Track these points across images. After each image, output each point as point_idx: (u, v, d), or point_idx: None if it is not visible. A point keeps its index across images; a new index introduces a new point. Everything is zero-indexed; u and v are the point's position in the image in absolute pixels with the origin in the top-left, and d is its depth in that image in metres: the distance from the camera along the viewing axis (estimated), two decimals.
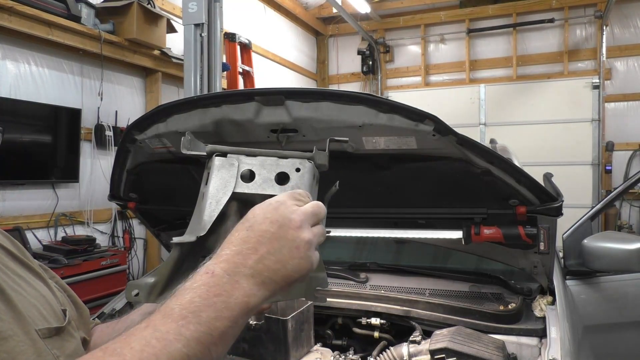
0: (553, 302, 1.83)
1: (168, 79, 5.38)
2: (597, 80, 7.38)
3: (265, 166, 0.83)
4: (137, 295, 0.79)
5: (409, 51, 8.92)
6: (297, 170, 0.82)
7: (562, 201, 1.70)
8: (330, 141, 0.90)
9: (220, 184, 0.82)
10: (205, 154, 0.87)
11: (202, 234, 0.78)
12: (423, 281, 2.10)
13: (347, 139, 0.95)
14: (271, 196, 0.79)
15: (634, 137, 7.42)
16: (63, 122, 4.26)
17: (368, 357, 1.76)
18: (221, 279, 0.64)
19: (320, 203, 0.75)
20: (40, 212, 4.13)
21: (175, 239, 0.79)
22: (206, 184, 0.84)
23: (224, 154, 0.85)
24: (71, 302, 0.93)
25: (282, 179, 0.81)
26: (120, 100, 4.93)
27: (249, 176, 0.83)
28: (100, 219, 4.69)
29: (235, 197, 0.81)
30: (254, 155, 0.85)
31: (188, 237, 0.79)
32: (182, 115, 1.73)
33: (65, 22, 3.97)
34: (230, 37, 5.76)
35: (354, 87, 9.03)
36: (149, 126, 1.82)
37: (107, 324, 1.03)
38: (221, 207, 0.80)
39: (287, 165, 0.82)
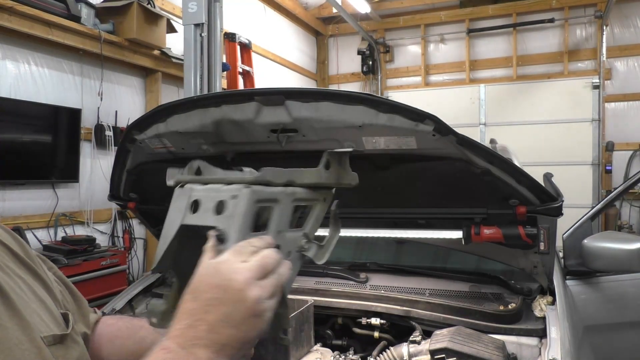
0: (553, 302, 1.83)
1: (168, 79, 5.38)
2: (597, 80, 7.38)
3: (209, 195, 0.78)
4: (155, 322, 0.80)
5: (409, 51, 8.92)
6: (234, 197, 0.75)
7: (562, 201, 1.70)
8: (330, 154, 0.85)
9: (173, 216, 0.80)
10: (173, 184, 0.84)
11: (151, 268, 0.78)
12: (423, 281, 2.10)
13: (349, 149, 0.87)
14: (210, 227, 0.74)
15: (634, 137, 7.42)
16: (63, 122, 4.25)
17: (368, 357, 1.76)
18: (177, 354, 0.64)
19: (269, 252, 0.70)
20: (40, 212, 4.13)
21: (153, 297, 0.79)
22: None
23: (184, 184, 0.83)
24: (70, 295, 0.92)
25: (220, 208, 0.76)
26: (120, 100, 4.92)
27: (195, 206, 0.79)
28: (100, 219, 4.69)
29: (185, 228, 0.78)
30: (206, 183, 0.81)
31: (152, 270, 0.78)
32: (182, 115, 1.73)
33: (65, 22, 3.97)
34: (230, 37, 5.76)
35: (354, 87, 9.03)
36: (149, 126, 1.82)
37: (112, 321, 1.02)
38: (169, 240, 0.77)
39: (227, 192, 0.76)
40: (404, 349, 1.65)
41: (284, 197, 0.78)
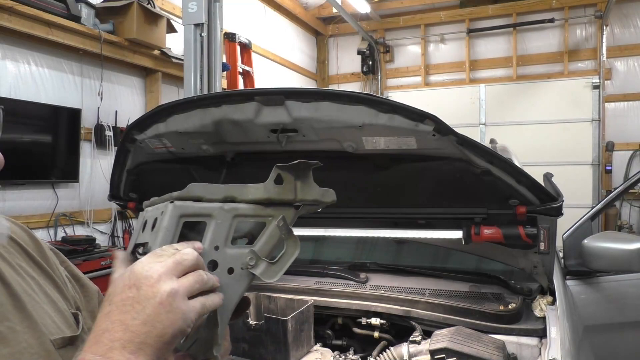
0: (553, 302, 1.83)
1: (168, 79, 5.38)
2: (597, 80, 7.38)
3: (152, 214, 0.81)
4: None
5: (409, 51, 8.92)
6: (162, 213, 0.78)
7: (562, 201, 1.70)
8: (280, 168, 0.79)
9: (132, 237, 0.84)
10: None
11: None
12: (423, 281, 2.10)
13: (304, 162, 0.79)
14: (145, 244, 0.76)
15: (634, 137, 7.42)
16: (63, 122, 4.25)
17: (368, 357, 1.76)
18: None
19: (187, 251, 0.69)
20: (40, 212, 4.13)
21: None
22: None
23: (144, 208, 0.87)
24: (80, 290, 0.92)
25: (154, 224, 0.78)
26: (120, 100, 4.92)
27: (144, 226, 0.82)
28: (100, 219, 4.69)
29: (139, 247, 0.81)
30: (154, 203, 0.84)
31: None
32: (182, 115, 1.73)
33: (65, 22, 3.97)
34: (230, 37, 5.76)
35: (354, 87, 9.03)
36: (149, 126, 1.83)
37: None
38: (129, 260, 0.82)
39: (160, 209, 0.79)
40: (404, 349, 1.65)
41: (220, 212, 0.77)
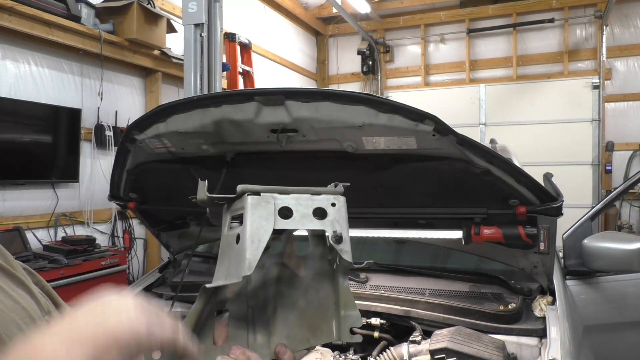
0: (553, 302, 1.83)
1: (168, 79, 5.38)
2: (597, 80, 7.38)
3: (301, 203, 0.84)
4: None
5: (409, 51, 8.92)
6: (333, 205, 0.84)
7: (562, 201, 1.70)
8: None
9: (258, 222, 0.81)
10: (234, 195, 0.86)
11: (248, 273, 0.76)
12: (423, 281, 2.09)
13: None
14: (312, 231, 0.82)
15: (634, 137, 7.42)
16: (63, 122, 4.26)
17: (368, 357, 1.76)
18: None
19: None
20: (40, 212, 4.14)
21: (210, 285, 0.76)
22: (240, 224, 0.83)
23: (257, 193, 0.84)
24: (56, 309, 0.91)
25: (320, 214, 0.83)
26: (120, 100, 4.93)
27: (286, 213, 0.83)
28: (100, 219, 4.69)
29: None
30: (287, 192, 0.85)
31: (228, 279, 0.77)
32: (182, 115, 1.74)
33: (65, 22, 3.97)
34: (230, 37, 5.76)
35: (354, 87, 9.03)
36: (149, 126, 1.83)
37: None
38: (264, 244, 0.79)
39: (322, 200, 0.85)
40: (404, 349, 1.65)
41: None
